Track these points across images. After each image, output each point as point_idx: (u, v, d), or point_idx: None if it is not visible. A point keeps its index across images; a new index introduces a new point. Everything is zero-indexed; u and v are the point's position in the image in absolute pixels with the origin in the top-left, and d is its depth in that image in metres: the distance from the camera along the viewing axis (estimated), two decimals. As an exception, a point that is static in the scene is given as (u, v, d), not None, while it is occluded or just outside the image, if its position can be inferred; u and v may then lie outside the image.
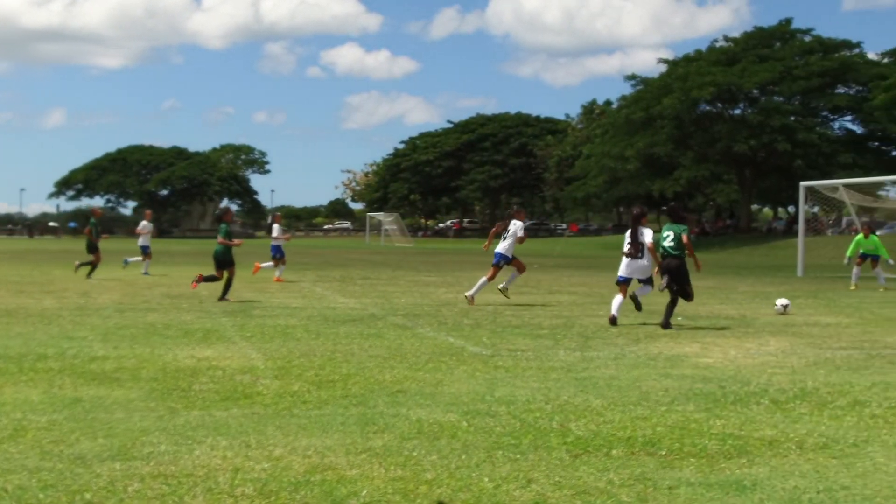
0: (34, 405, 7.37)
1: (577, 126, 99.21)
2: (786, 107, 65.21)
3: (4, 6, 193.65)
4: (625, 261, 14.44)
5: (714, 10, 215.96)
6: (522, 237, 17.68)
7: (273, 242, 24.90)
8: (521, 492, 5.20)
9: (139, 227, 27.62)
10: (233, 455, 5.88)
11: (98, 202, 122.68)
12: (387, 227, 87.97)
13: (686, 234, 13.73)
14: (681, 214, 14.35)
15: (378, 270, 31.11)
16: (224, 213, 19.25)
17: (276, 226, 25.48)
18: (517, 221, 17.79)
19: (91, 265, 24.17)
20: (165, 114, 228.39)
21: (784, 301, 16.34)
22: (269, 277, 24.11)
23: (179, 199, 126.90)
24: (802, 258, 32.12)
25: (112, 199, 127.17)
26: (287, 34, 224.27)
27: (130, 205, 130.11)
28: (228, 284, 17.63)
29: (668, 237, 13.76)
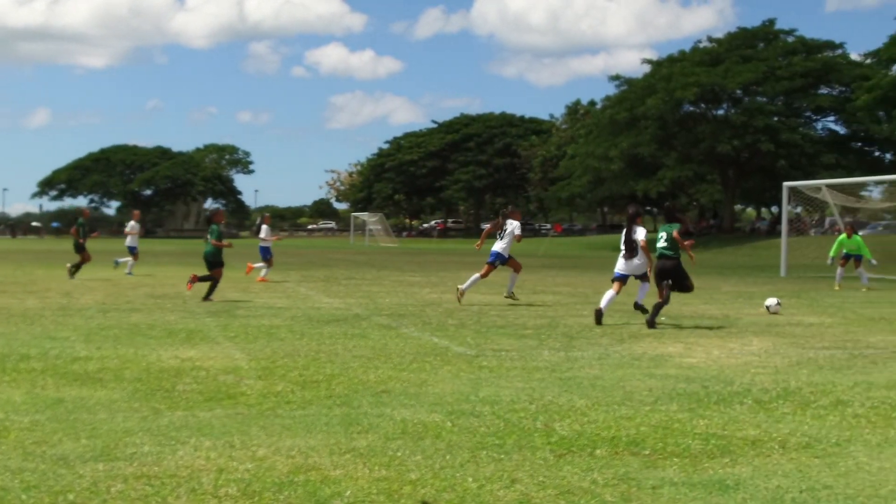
0: (16, 406, 7.33)
1: (562, 126, 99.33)
2: (769, 107, 65.55)
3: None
4: (621, 258, 14.56)
5: (698, 11, 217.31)
6: (519, 236, 17.84)
7: (261, 244, 24.83)
8: (505, 492, 5.20)
9: (127, 228, 27.39)
10: (216, 455, 5.87)
11: (81, 202, 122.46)
12: (371, 228, 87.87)
13: (676, 231, 13.84)
14: (675, 214, 14.50)
15: (362, 270, 31.07)
16: (214, 215, 19.17)
17: (265, 227, 25.37)
18: (513, 221, 17.92)
19: (79, 265, 24.04)
20: (149, 113, 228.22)
21: (773, 300, 16.33)
22: (255, 277, 24.07)
23: (163, 199, 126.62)
24: (785, 258, 32.27)
25: (96, 200, 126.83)
26: (271, 34, 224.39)
27: (114, 205, 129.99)
28: (214, 285, 17.64)
29: (662, 238, 13.92)
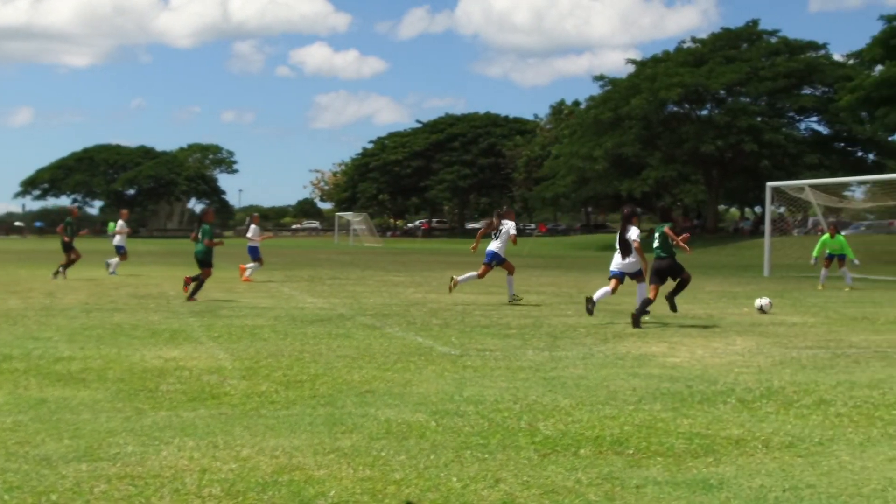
0: (-1, 406, 7.30)
1: (546, 126, 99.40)
2: (752, 107, 65.82)
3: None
4: (617, 256, 14.65)
5: (682, 12, 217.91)
6: (515, 237, 17.91)
7: (250, 244, 24.78)
8: (490, 491, 5.21)
9: (116, 227, 27.24)
10: (200, 456, 5.85)
11: (64, 202, 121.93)
12: (355, 227, 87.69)
13: (668, 227, 13.96)
14: (668, 214, 14.75)
15: (347, 270, 31.03)
16: (205, 214, 19.13)
17: (254, 226, 25.32)
18: (508, 221, 18.00)
19: (67, 264, 23.89)
20: (133, 113, 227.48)
21: (766, 300, 16.37)
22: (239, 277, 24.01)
23: (147, 199, 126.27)
24: (769, 258, 32.36)
25: (79, 199, 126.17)
26: (255, 33, 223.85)
27: (97, 204, 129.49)
28: (199, 285, 17.59)
29: (656, 237, 14.07)
